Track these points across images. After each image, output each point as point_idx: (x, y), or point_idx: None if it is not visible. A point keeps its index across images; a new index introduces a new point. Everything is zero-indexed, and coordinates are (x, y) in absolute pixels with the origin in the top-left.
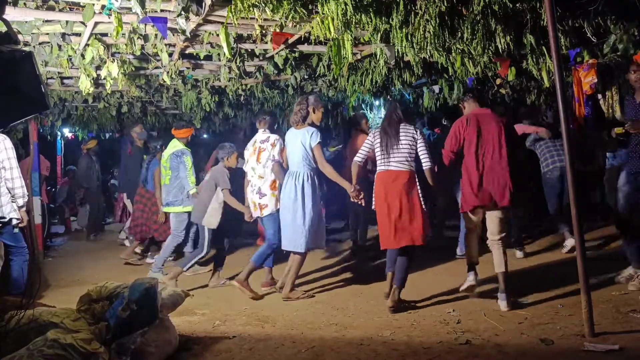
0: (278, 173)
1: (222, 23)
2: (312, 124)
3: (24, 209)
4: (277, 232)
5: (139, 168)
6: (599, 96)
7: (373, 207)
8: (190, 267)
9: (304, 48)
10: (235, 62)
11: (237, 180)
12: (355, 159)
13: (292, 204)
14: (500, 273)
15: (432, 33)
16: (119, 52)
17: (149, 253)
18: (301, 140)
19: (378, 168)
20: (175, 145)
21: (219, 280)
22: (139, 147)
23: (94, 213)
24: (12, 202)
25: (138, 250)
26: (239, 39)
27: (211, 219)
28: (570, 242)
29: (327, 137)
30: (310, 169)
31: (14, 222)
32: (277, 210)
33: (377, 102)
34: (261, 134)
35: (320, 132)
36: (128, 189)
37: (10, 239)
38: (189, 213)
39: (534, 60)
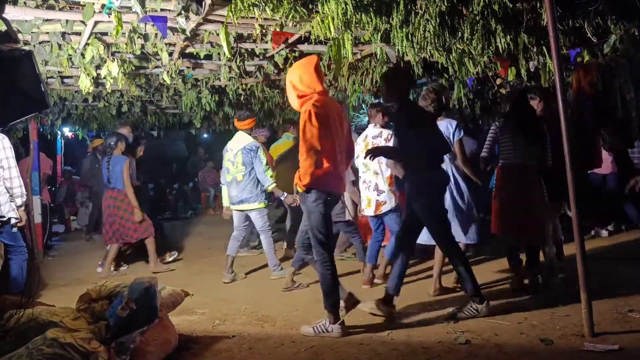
0: (394, 167)
1: (222, 22)
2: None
3: (23, 208)
4: None
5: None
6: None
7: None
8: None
9: (304, 47)
10: (236, 62)
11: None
12: (482, 154)
13: (457, 200)
14: None
15: (432, 33)
16: (119, 52)
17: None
18: (445, 134)
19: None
20: (244, 139)
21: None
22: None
23: (94, 213)
24: (11, 201)
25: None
26: (239, 38)
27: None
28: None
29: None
30: (452, 162)
31: (13, 221)
32: (397, 207)
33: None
34: (373, 129)
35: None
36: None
37: (9, 239)
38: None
39: (534, 58)
